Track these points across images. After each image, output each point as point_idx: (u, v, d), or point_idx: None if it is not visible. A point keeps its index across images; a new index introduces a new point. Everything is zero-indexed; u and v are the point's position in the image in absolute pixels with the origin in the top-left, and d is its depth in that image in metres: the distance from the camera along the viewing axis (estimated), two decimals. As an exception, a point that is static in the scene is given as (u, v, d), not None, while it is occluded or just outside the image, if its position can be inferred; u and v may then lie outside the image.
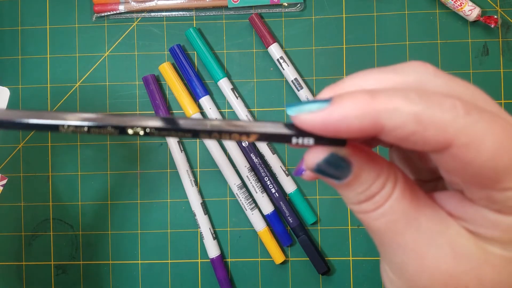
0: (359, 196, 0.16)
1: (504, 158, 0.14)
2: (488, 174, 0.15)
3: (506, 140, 0.14)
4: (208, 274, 0.42)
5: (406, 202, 0.16)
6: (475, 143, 0.14)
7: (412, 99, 0.15)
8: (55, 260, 0.42)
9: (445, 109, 0.14)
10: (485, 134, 0.14)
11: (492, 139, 0.14)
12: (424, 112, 0.14)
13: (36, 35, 0.43)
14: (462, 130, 0.14)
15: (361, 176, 0.16)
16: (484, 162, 0.14)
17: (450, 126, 0.14)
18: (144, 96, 0.42)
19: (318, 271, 0.40)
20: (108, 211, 0.42)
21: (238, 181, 0.41)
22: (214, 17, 0.43)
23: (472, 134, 0.14)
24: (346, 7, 0.42)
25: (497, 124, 0.15)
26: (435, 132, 0.14)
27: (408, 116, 0.14)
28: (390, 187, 0.16)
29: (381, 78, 0.16)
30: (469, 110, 0.15)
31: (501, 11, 0.41)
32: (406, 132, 0.15)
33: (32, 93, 0.43)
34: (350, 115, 0.15)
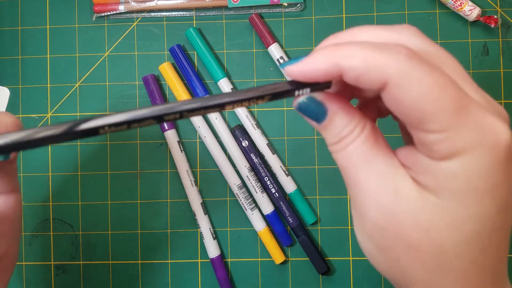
0: (333, 138, 0.20)
1: (430, 103, 0.17)
2: (414, 114, 0.17)
3: (436, 89, 0.17)
4: (208, 274, 0.42)
5: (367, 147, 0.19)
6: (405, 84, 0.17)
7: (365, 47, 0.18)
8: (55, 260, 0.42)
9: (388, 53, 0.17)
10: (417, 79, 0.17)
11: (421, 84, 0.17)
12: (371, 55, 0.18)
13: (36, 35, 0.43)
14: (397, 72, 0.17)
15: (335, 120, 0.20)
16: (411, 102, 0.17)
17: (388, 67, 0.17)
18: (144, 96, 0.42)
19: (318, 271, 0.40)
20: (108, 211, 0.42)
21: (238, 181, 0.41)
22: (214, 17, 0.43)
23: (405, 76, 0.17)
24: (346, 7, 0.42)
25: (432, 75, 0.17)
26: (376, 71, 0.17)
27: (359, 58, 0.18)
28: (357, 132, 0.19)
29: (373, 33, 0.20)
30: (411, 58, 0.17)
31: (501, 11, 0.41)
32: (358, 72, 0.18)
33: (32, 93, 0.43)
34: (318, 61, 0.18)
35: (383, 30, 0.20)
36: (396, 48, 0.18)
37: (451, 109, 0.17)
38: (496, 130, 0.17)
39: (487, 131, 0.17)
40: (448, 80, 0.17)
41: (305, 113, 0.20)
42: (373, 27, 0.20)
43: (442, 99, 0.17)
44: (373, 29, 0.20)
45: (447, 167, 0.17)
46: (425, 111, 0.17)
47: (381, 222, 0.19)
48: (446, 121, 0.17)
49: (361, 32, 0.20)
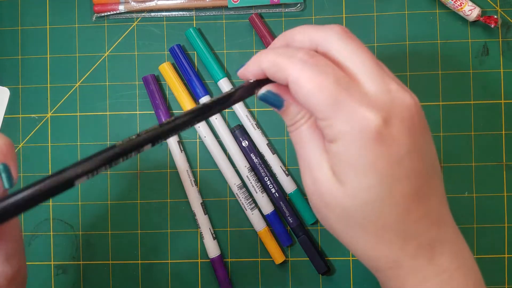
0: (290, 121, 0.25)
1: (313, 99, 0.22)
2: (306, 106, 0.23)
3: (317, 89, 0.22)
4: (208, 274, 0.42)
5: (312, 129, 0.25)
6: (297, 83, 0.23)
7: (274, 53, 0.24)
8: (55, 260, 0.42)
9: (288, 57, 0.23)
10: (304, 79, 0.22)
11: (307, 84, 0.22)
12: (276, 59, 0.24)
13: (36, 35, 0.43)
14: (291, 73, 0.23)
15: (289, 108, 0.25)
16: (302, 97, 0.23)
17: (287, 68, 0.23)
18: (144, 96, 0.42)
19: (318, 271, 0.40)
20: (108, 211, 0.42)
21: (238, 181, 0.41)
22: (214, 17, 0.43)
23: (296, 77, 0.23)
24: (346, 7, 0.42)
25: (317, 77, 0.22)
26: (280, 72, 0.23)
27: (269, 62, 0.24)
28: (306, 118, 0.25)
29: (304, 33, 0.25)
30: (306, 60, 0.23)
31: (501, 11, 0.41)
32: (271, 72, 0.24)
33: (32, 93, 0.43)
34: (250, 66, 0.25)
35: (313, 30, 0.25)
36: (294, 52, 0.23)
37: (328, 103, 0.22)
38: (365, 118, 0.22)
39: (358, 119, 0.22)
40: (329, 81, 0.22)
41: (266, 101, 0.25)
42: (305, 28, 0.25)
43: (321, 96, 0.22)
44: (305, 29, 0.25)
45: (333, 148, 0.23)
46: (311, 104, 0.23)
47: (311, 187, 0.24)
48: (325, 112, 0.22)
49: (295, 32, 0.25)
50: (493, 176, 0.41)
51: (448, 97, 0.41)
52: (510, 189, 0.41)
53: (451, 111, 0.41)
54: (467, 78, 0.41)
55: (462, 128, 0.41)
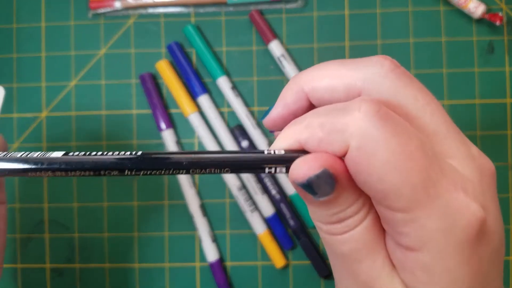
0: (332, 217, 0.16)
1: (394, 174, 0.14)
2: (377, 185, 0.15)
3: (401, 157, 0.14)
4: (207, 279, 0.41)
5: (372, 233, 0.16)
6: (367, 148, 0.14)
7: (320, 113, 0.16)
8: (51, 263, 0.42)
9: (347, 111, 0.15)
10: (380, 143, 0.14)
11: (384, 149, 0.14)
12: (326, 118, 0.15)
13: (31, 33, 0.43)
14: (357, 132, 0.15)
15: (341, 197, 0.16)
16: (373, 170, 0.15)
17: (347, 128, 0.15)
18: (141, 94, 0.42)
19: (320, 275, 0.40)
20: (104, 213, 0.42)
21: (238, 182, 0.41)
22: (213, 13, 0.42)
23: (367, 138, 0.15)
24: (348, 4, 0.42)
25: (399, 138, 0.14)
26: (335, 135, 0.15)
27: (315, 126, 0.16)
28: (363, 214, 0.16)
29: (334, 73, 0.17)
30: (375, 114, 0.15)
31: (506, 9, 0.41)
32: (316, 140, 0.16)
33: (27, 92, 0.43)
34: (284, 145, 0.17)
35: (346, 69, 0.17)
36: (356, 104, 0.15)
37: (419, 185, 0.14)
38: (468, 209, 0.15)
39: (459, 212, 0.15)
40: (417, 145, 0.15)
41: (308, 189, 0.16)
42: (335, 65, 0.18)
43: (408, 171, 0.14)
44: (335, 68, 0.17)
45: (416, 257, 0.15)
46: (389, 183, 0.14)
47: None
48: (412, 199, 0.14)
49: (320, 73, 0.18)
50: (498, 177, 0.40)
51: (453, 96, 0.41)
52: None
53: (455, 110, 0.41)
54: (472, 76, 0.41)
55: (467, 127, 0.41)
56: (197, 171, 0.16)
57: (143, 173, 0.17)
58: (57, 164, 0.16)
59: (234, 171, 0.16)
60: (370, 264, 0.16)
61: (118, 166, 0.16)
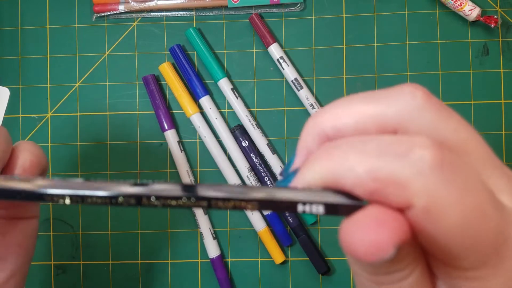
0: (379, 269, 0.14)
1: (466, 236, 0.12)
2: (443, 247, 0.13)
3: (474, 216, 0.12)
4: (208, 274, 0.42)
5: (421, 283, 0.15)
6: (437, 210, 0.12)
7: (368, 152, 0.13)
8: (55, 260, 0.42)
9: (408, 161, 0.13)
10: (452, 202, 0.12)
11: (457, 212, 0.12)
12: (380, 167, 0.13)
13: (36, 35, 0.43)
14: (424, 190, 0.12)
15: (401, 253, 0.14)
16: (441, 235, 0.13)
17: (412, 183, 0.12)
18: (144, 96, 0.42)
19: (318, 271, 0.40)
20: (108, 211, 0.42)
21: (238, 181, 0.41)
22: (214, 17, 0.43)
23: (436, 197, 0.12)
24: (346, 7, 0.42)
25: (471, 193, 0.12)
26: (394, 189, 0.13)
27: (362, 173, 0.13)
28: (407, 272, 0.14)
29: (360, 111, 0.15)
30: (441, 165, 0.12)
31: (501, 11, 0.41)
32: (366, 190, 0.13)
33: (32, 93, 0.43)
34: (311, 181, 0.14)
35: (375, 104, 0.14)
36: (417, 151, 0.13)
37: (491, 243, 0.13)
38: None
39: None
40: (488, 200, 0.13)
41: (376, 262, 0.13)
42: (360, 100, 0.15)
43: (482, 231, 0.12)
44: (361, 103, 0.15)
45: None
46: (460, 246, 0.13)
47: None
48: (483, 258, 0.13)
49: (345, 111, 0.15)
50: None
51: (448, 97, 0.41)
52: (510, 189, 0.41)
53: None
54: (467, 78, 0.41)
55: None
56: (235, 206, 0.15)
57: None
58: None
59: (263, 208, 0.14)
60: None
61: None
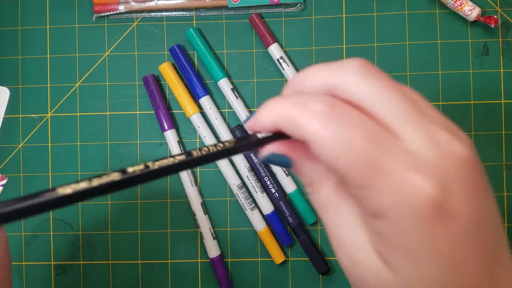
0: (304, 181, 0.21)
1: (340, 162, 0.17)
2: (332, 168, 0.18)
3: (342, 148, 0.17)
4: (208, 274, 0.42)
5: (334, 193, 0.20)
6: (318, 142, 0.17)
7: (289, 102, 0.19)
8: (55, 260, 0.42)
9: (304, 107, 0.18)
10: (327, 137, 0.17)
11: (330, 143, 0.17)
12: (290, 111, 0.18)
13: (36, 35, 0.43)
14: (309, 128, 0.18)
15: (302, 168, 0.20)
16: (325, 160, 0.17)
17: (304, 124, 0.18)
18: (144, 96, 0.42)
19: (318, 271, 0.40)
20: (108, 211, 0.42)
21: (238, 181, 0.41)
22: (214, 17, 0.43)
23: (317, 134, 0.17)
24: (346, 7, 0.42)
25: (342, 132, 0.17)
26: (296, 128, 0.18)
27: (282, 116, 0.19)
28: (323, 180, 0.20)
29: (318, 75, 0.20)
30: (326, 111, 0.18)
31: (501, 11, 0.41)
32: (285, 128, 0.19)
33: (32, 93, 0.43)
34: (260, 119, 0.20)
35: (325, 70, 0.19)
36: (310, 102, 0.18)
37: (363, 167, 0.17)
38: (416, 188, 0.16)
39: (406, 190, 0.16)
40: (360, 137, 0.17)
41: (273, 163, 0.21)
42: (315, 69, 0.20)
43: (353, 158, 0.17)
44: (316, 71, 0.20)
45: (378, 225, 0.17)
46: (341, 170, 0.17)
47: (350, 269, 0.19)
48: (361, 179, 0.17)
49: (305, 76, 0.20)
50: (493, 176, 0.41)
51: (448, 97, 0.41)
52: (510, 189, 0.41)
53: (451, 111, 0.41)
54: (467, 78, 0.41)
55: (462, 128, 0.40)
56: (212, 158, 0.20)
57: None
58: None
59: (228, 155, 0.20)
60: (340, 221, 0.19)
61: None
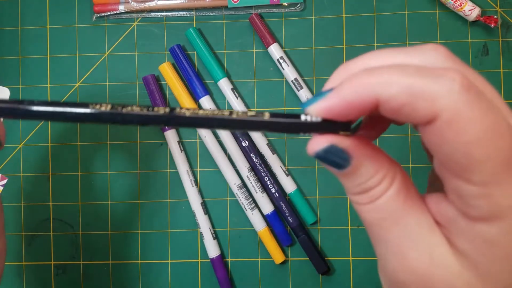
0: (356, 188, 0.17)
1: (482, 149, 0.14)
2: (460, 159, 0.15)
3: (492, 133, 0.14)
4: (208, 274, 0.42)
5: (398, 202, 0.17)
6: (459, 122, 0.14)
7: (408, 72, 0.15)
8: (55, 260, 0.42)
9: (440, 81, 0.14)
10: (473, 118, 0.14)
11: (477, 126, 0.14)
12: (417, 82, 0.15)
13: (36, 35, 0.43)
14: (450, 105, 0.14)
15: (360, 169, 0.17)
16: (461, 145, 0.14)
17: (440, 99, 0.14)
18: (144, 96, 0.42)
19: (318, 271, 0.40)
20: (108, 211, 0.42)
21: (238, 181, 0.41)
22: (214, 17, 0.43)
23: (460, 113, 0.14)
24: (346, 7, 0.42)
25: (489, 116, 0.14)
26: (424, 103, 0.14)
27: (401, 87, 0.15)
28: (386, 184, 0.17)
29: (389, 59, 0.16)
30: (468, 89, 0.14)
31: (501, 11, 0.41)
32: (399, 102, 0.15)
33: (32, 93, 0.43)
34: (347, 93, 0.15)
35: (403, 54, 0.16)
36: (450, 74, 0.15)
37: (502, 160, 0.14)
38: None
39: None
40: (505, 124, 0.14)
41: (324, 161, 0.17)
42: (389, 51, 0.17)
43: (495, 148, 0.14)
44: (390, 54, 0.16)
45: (487, 232, 0.15)
46: (473, 158, 0.14)
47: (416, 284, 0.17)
48: (493, 174, 0.14)
49: (374, 58, 0.17)
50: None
51: (448, 97, 0.41)
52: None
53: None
54: (467, 78, 0.41)
55: None
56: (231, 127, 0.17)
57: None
58: None
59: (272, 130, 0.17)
60: (401, 231, 0.16)
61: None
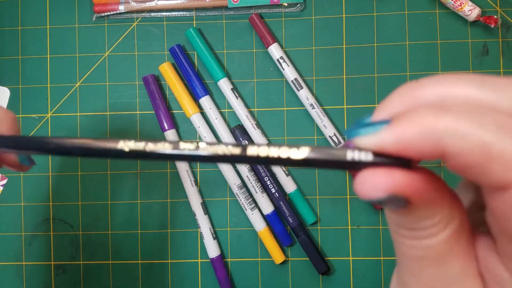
0: (404, 224, 0.15)
1: None
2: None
3: None
4: (208, 274, 0.42)
5: (447, 246, 0.15)
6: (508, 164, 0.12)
7: (486, 126, 0.12)
8: (55, 260, 0.42)
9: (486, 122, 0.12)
10: None
11: None
12: (497, 142, 0.12)
13: (36, 35, 0.43)
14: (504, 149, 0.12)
15: (414, 212, 0.14)
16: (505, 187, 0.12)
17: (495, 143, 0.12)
18: (144, 96, 0.42)
19: (318, 271, 0.40)
20: (108, 211, 0.42)
21: (238, 181, 0.41)
22: (214, 17, 0.43)
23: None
24: (346, 7, 0.42)
25: None
26: (500, 168, 0.12)
27: (476, 144, 0.12)
28: (439, 228, 0.14)
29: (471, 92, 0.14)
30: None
31: (501, 11, 0.41)
32: (470, 161, 0.13)
33: (32, 93, 0.43)
34: (408, 136, 0.13)
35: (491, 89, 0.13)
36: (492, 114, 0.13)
37: None
38: None
39: None
40: None
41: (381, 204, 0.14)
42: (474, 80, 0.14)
43: None
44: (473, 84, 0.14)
45: None
46: None
47: None
48: None
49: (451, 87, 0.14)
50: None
51: (448, 97, 0.41)
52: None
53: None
54: (467, 78, 0.41)
55: None
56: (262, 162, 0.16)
57: None
58: None
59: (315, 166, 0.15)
60: (441, 270, 0.15)
61: None
